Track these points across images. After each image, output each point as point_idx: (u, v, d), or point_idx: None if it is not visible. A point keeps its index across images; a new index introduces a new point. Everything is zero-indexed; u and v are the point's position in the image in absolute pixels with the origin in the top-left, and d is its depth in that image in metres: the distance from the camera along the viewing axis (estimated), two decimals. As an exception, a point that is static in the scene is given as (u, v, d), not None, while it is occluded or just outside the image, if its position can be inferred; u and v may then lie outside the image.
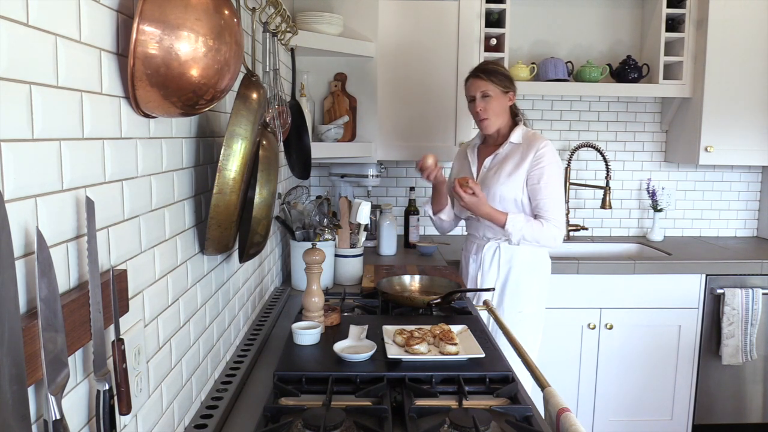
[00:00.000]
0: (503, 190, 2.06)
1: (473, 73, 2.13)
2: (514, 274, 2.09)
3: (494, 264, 2.12)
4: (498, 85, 2.08)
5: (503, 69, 2.13)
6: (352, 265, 2.16)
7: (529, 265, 2.10)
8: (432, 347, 1.35)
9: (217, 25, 0.82)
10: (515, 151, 2.09)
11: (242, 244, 1.30)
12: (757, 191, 3.31)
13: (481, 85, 2.09)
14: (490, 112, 2.09)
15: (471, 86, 2.12)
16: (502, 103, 2.10)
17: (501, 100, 2.09)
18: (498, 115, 2.10)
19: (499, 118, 2.11)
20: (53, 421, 0.58)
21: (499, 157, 2.13)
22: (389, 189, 3.21)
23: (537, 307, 2.13)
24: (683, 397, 2.73)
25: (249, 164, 1.08)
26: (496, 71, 2.09)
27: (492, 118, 2.10)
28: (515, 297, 2.09)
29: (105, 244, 0.76)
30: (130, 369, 0.79)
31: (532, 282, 2.11)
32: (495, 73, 2.08)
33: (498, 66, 2.14)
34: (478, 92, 2.09)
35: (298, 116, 1.98)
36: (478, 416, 1.04)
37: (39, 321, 0.57)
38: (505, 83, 2.09)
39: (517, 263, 2.09)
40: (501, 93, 2.09)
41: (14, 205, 0.57)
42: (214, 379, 1.26)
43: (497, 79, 2.08)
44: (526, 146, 2.07)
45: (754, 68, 2.86)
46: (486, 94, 2.08)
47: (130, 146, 0.83)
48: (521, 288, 2.10)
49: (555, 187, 2.02)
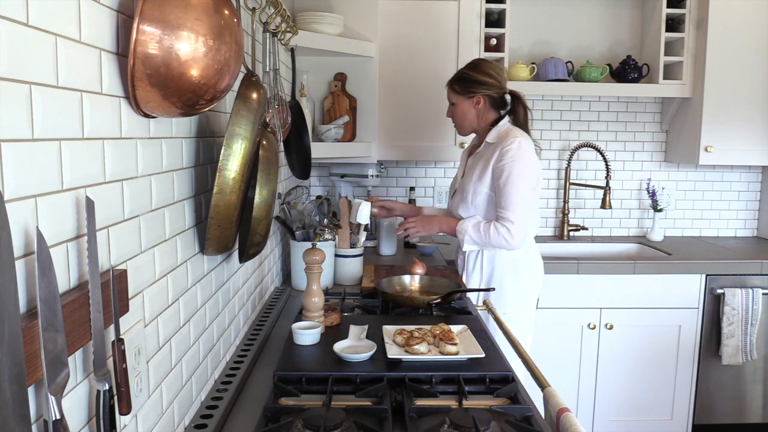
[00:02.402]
0: (476, 188, 2.06)
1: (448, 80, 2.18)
2: (497, 276, 2.08)
3: (477, 266, 2.11)
4: (459, 92, 2.10)
5: (473, 73, 2.09)
6: (352, 265, 2.16)
7: (512, 266, 2.07)
8: (432, 347, 1.35)
9: (217, 25, 0.82)
10: (489, 150, 2.07)
11: (242, 244, 1.30)
12: (757, 191, 3.31)
13: (448, 93, 2.16)
14: (455, 119, 2.16)
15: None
16: (465, 108, 2.11)
17: (464, 106, 2.11)
18: (464, 119, 2.13)
19: (467, 122, 2.13)
20: (53, 421, 0.58)
21: (476, 157, 2.14)
22: (389, 189, 3.21)
23: (523, 309, 2.09)
24: (683, 397, 2.73)
25: (249, 164, 1.08)
26: (460, 78, 2.10)
27: (459, 123, 2.16)
28: (499, 299, 2.05)
29: (105, 244, 0.76)
30: (130, 369, 0.79)
31: (517, 283, 2.08)
32: (458, 81, 2.10)
33: (468, 71, 2.11)
34: (449, 102, 2.16)
35: (298, 116, 1.98)
36: (478, 416, 1.04)
37: (39, 321, 0.57)
38: (470, 88, 2.08)
39: (499, 264, 2.07)
40: (464, 99, 2.10)
41: (14, 205, 0.57)
42: (214, 379, 1.26)
43: (459, 86, 2.10)
44: (497, 144, 2.04)
45: (754, 68, 2.86)
46: (450, 101, 2.15)
47: (130, 146, 0.83)
48: (504, 290, 2.07)
49: (514, 185, 1.95)
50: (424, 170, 3.21)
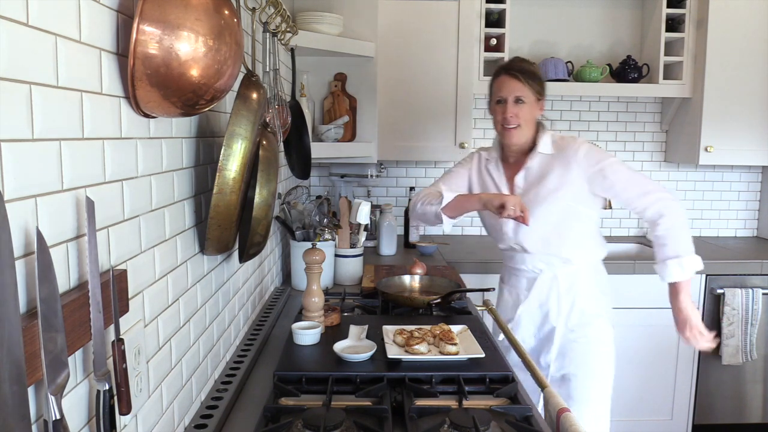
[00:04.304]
0: (554, 209, 1.76)
1: (508, 71, 1.79)
2: (580, 301, 1.80)
3: (553, 295, 1.81)
4: (534, 91, 1.78)
5: (539, 72, 1.82)
6: (352, 265, 2.16)
7: (593, 283, 1.83)
8: (432, 347, 1.35)
9: (217, 25, 0.82)
10: (550, 163, 1.78)
11: (242, 244, 1.30)
12: (757, 191, 3.31)
13: (516, 87, 1.76)
14: (522, 120, 1.76)
15: (503, 86, 1.78)
16: (534, 111, 1.80)
17: (533, 107, 1.79)
18: (529, 124, 1.79)
19: (530, 128, 1.80)
20: (53, 421, 0.58)
21: (533, 174, 1.81)
22: (389, 189, 3.21)
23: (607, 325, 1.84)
24: (683, 397, 2.73)
25: (249, 164, 1.08)
26: (535, 74, 1.79)
27: (523, 127, 1.77)
28: (585, 326, 1.80)
29: (105, 244, 0.76)
30: (130, 369, 0.79)
31: (599, 300, 1.83)
32: (534, 77, 1.78)
33: (535, 67, 1.83)
34: (512, 96, 1.76)
35: (298, 116, 1.98)
36: (478, 416, 1.04)
37: (39, 321, 0.57)
38: (541, 90, 1.81)
39: (582, 286, 1.81)
40: (535, 101, 1.79)
41: (14, 205, 0.57)
42: (214, 379, 1.26)
43: (535, 84, 1.78)
44: (560, 154, 1.77)
45: (754, 68, 2.86)
46: (520, 99, 1.76)
47: (130, 146, 0.83)
48: (588, 312, 1.80)
49: (625, 171, 1.73)
50: (424, 170, 3.21)
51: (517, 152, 1.85)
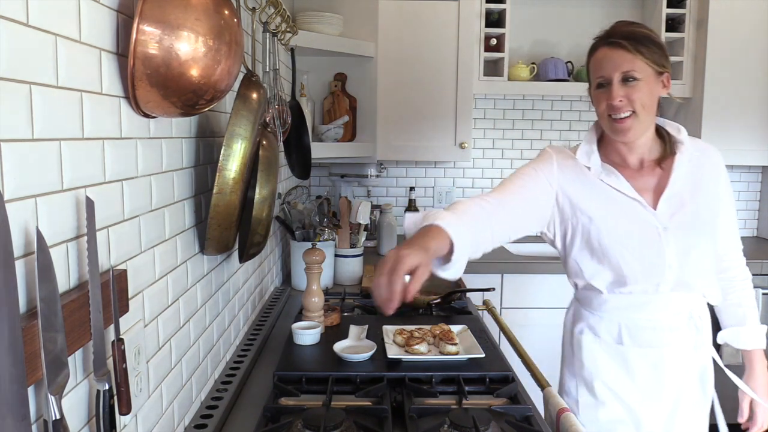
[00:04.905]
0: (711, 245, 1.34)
1: (609, 40, 1.27)
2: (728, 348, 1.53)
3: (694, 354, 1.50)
4: (651, 61, 1.24)
5: (656, 35, 1.30)
6: (352, 265, 2.16)
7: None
8: (432, 347, 1.35)
9: (217, 25, 0.82)
10: (694, 173, 1.32)
11: (242, 244, 1.30)
12: (757, 191, 3.31)
13: (624, 60, 1.23)
14: (637, 104, 1.23)
15: (605, 61, 1.27)
16: (653, 88, 1.26)
17: (652, 84, 1.25)
18: (648, 109, 1.25)
19: (649, 115, 1.27)
20: (53, 421, 0.58)
21: (679, 191, 1.31)
22: (389, 189, 3.21)
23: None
24: (683, 397, 2.72)
25: (249, 164, 1.08)
26: (648, 38, 1.26)
27: (640, 114, 1.24)
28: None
29: (105, 244, 0.76)
30: (130, 369, 0.79)
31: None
32: (647, 41, 1.25)
33: (649, 30, 1.29)
34: (617, 72, 1.24)
35: (298, 116, 1.98)
36: (478, 416, 1.04)
37: (39, 321, 0.57)
38: (661, 60, 1.26)
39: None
40: (654, 74, 1.25)
41: (14, 205, 0.57)
42: (214, 379, 1.26)
43: (649, 51, 1.24)
44: (698, 153, 1.34)
45: (754, 68, 2.86)
46: (632, 75, 1.23)
47: (130, 146, 0.83)
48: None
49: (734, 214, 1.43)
50: (424, 170, 3.20)
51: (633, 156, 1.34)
